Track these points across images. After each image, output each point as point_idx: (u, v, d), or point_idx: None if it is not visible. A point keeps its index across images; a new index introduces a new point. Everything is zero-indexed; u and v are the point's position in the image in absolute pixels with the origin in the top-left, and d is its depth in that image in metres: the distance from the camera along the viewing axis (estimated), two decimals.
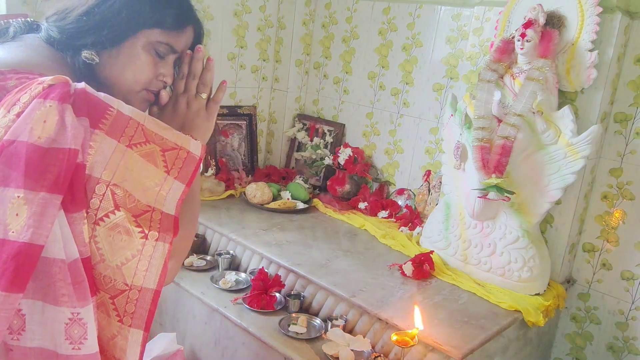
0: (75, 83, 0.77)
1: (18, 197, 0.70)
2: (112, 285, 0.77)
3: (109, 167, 0.75)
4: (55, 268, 0.72)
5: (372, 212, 2.44)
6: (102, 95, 0.78)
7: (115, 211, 0.75)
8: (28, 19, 0.96)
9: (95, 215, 0.74)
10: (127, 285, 0.77)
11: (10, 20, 0.94)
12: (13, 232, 0.69)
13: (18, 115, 0.72)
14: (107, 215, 0.75)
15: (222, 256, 2.05)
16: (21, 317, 0.73)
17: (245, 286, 1.93)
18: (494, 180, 1.74)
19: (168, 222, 0.80)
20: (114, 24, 0.87)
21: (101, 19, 0.87)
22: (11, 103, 0.74)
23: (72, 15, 0.88)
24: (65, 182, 0.72)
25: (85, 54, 0.87)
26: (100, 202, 0.75)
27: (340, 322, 1.69)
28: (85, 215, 0.74)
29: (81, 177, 0.74)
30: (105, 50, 0.88)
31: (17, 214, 0.69)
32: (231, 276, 1.97)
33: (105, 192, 0.75)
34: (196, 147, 0.85)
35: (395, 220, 2.37)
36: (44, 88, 0.74)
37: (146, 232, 0.77)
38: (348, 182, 2.53)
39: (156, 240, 0.78)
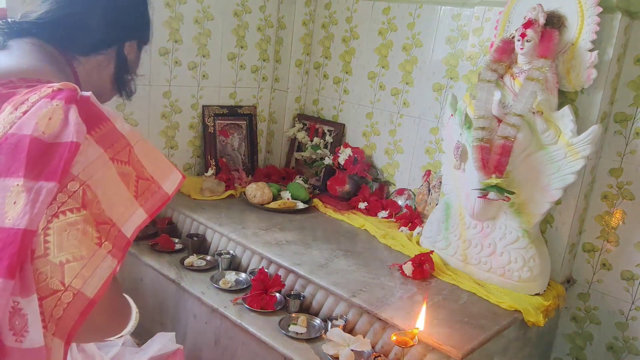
0: (83, 92, 0.78)
1: (17, 185, 0.70)
2: (45, 284, 0.71)
3: (88, 170, 0.74)
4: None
5: (372, 212, 2.44)
6: (105, 109, 0.79)
7: (81, 209, 0.73)
8: (9, 19, 0.96)
9: (58, 208, 0.72)
10: (63, 285, 0.71)
11: None
12: (9, 219, 0.69)
13: (24, 113, 0.74)
14: (71, 210, 0.72)
15: (222, 256, 2.05)
16: None
17: (245, 286, 1.93)
18: (494, 180, 1.74)
19: (121, 242, 0.78)
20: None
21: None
22: (19, 102, 0.76)
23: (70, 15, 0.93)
24: (64, 171, 0.72)
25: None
26: (69, 197, 0.73)
27: (340, 322, 1.69)
28: (49, 205, 0.72)
29: None
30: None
31: (14, 202, 0.69)
32: (231, 276, 1.97)
33: (76, 190, 0.73)
34: (171, 185, 0.84)
35: (395, 220, 2.37)
36: (53, 90, 0.75)
37: (102, 240, 0.75)
38: (348, 182, 2.53)
39: (108, 252, 0.75)
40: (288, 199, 2.49)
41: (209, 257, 2.12)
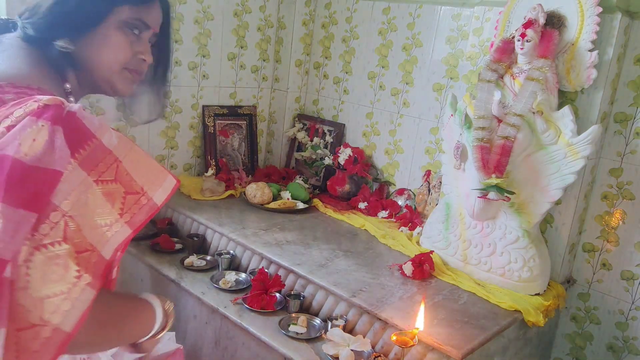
0: (70, 105, 0.76)
1: None
2: (24, 317, 0.70)
3: (71, 198, 0.73)
4: None
5: (372, 212, 2.44)
6: (93, 122, 0.77)
7: (62, 243, 0.72)
8: (0, 17, 0.95)
9: (41, 240, 0.71)
10: (42, 320, 0.71)
11: None
12: None
13: (8, 128, 0.72)
14: (52, 244, 0.71)
15: (222, 256, 2.05)
16: None
17: (245, 286, 1.93)
18: (494, 180, 1.74)
19: (100, 266, 0.77)
20: (86, 9, 0.88)
21: (73, 6, 0.88)
22: (3, 115, 0.74)
23: (43, 8, 0.88)
24: (43, 201, 0.71)
25: (59, 43, 0.87)
26: (51, 229, 0.72)
27: (340, 322, 1.69)
28: (30, 236, 0.71)
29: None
30: (81, 37, 0.89)
31: None
32: (231, 276, 1.97)
33: (58, 221, 0.72)
34: (164, 193, 0.83)
35: (395, 220, 2.37)
36: (39, 107, 0.73)
37: (82, 273, 0.74)
38: (348, 182, 2.53)
39: (87, 284, 0.74)
40: (288, 199, 2.49)
41: (209, 257, 2.12)
